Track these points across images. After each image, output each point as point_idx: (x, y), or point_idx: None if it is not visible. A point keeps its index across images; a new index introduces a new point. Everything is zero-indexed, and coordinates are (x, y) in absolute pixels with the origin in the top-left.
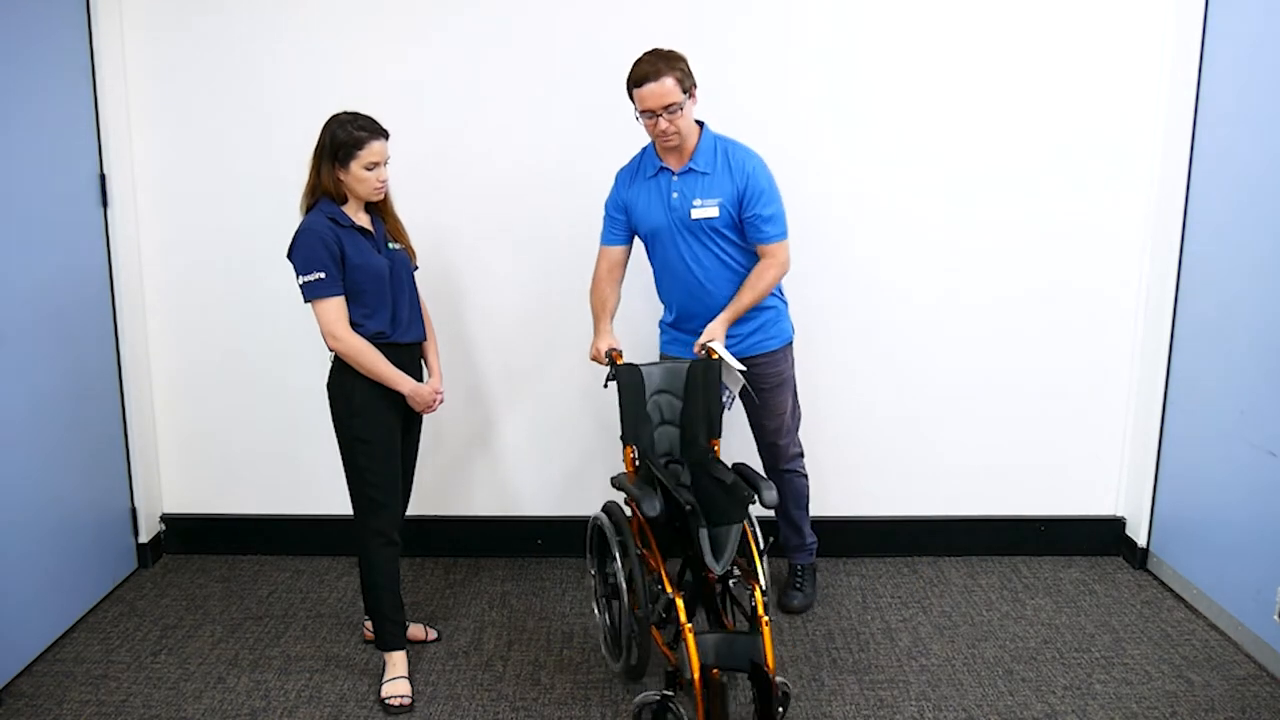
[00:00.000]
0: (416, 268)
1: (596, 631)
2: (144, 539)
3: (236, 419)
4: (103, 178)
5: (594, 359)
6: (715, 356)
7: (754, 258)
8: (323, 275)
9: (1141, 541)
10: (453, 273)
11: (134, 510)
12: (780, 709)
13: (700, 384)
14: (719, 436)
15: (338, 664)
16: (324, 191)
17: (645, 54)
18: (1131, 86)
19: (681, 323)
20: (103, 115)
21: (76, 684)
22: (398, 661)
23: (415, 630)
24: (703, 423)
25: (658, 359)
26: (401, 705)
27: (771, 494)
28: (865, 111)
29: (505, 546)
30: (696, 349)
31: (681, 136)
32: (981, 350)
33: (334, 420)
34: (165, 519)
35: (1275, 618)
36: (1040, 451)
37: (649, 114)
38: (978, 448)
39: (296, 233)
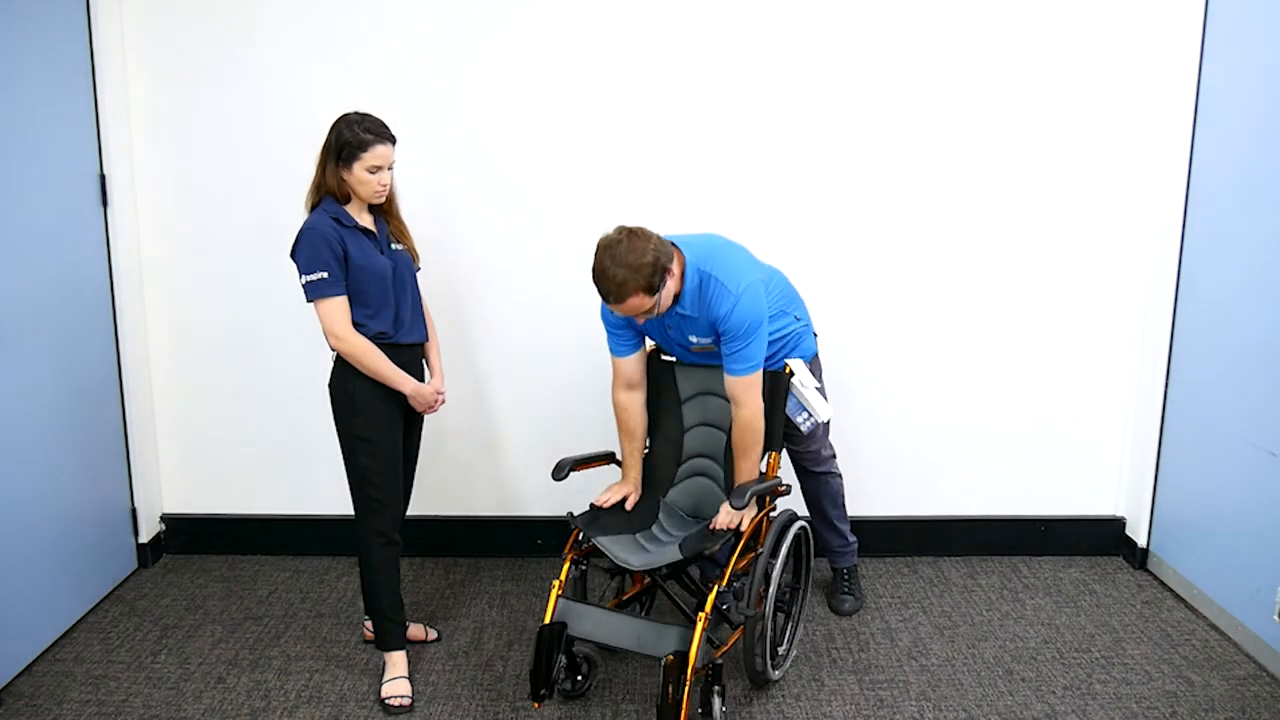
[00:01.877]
0: (419, 269)
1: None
2: (144, 539)
3: (237, 419)
4: (103, 178)
5: (601, 505)
6: (789, 371)
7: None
8: (325, 275)
9: (1141, 541)
10: (455, 274)
11: (134, 510)
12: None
13: (765, 394)
14: (778, 450)
15: (338, 664)
16: (328, 190)
17: (604, 259)
18: (1131, 87)
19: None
20: (103, 115)
21: (76, 684)
22: (398, 661)
23: (415, 630)
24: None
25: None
26: (401, 705)
27: (739, 502)
28: (864, 113)
29: (505, 546)
30: (719, 526)
31: (661, 307)
32: (981, 351)
33: (336, 420)
34: (165, 519)
35: (1275, 618)
36: (1040, 451)
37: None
38: (978, 448)
39: (299, 232)
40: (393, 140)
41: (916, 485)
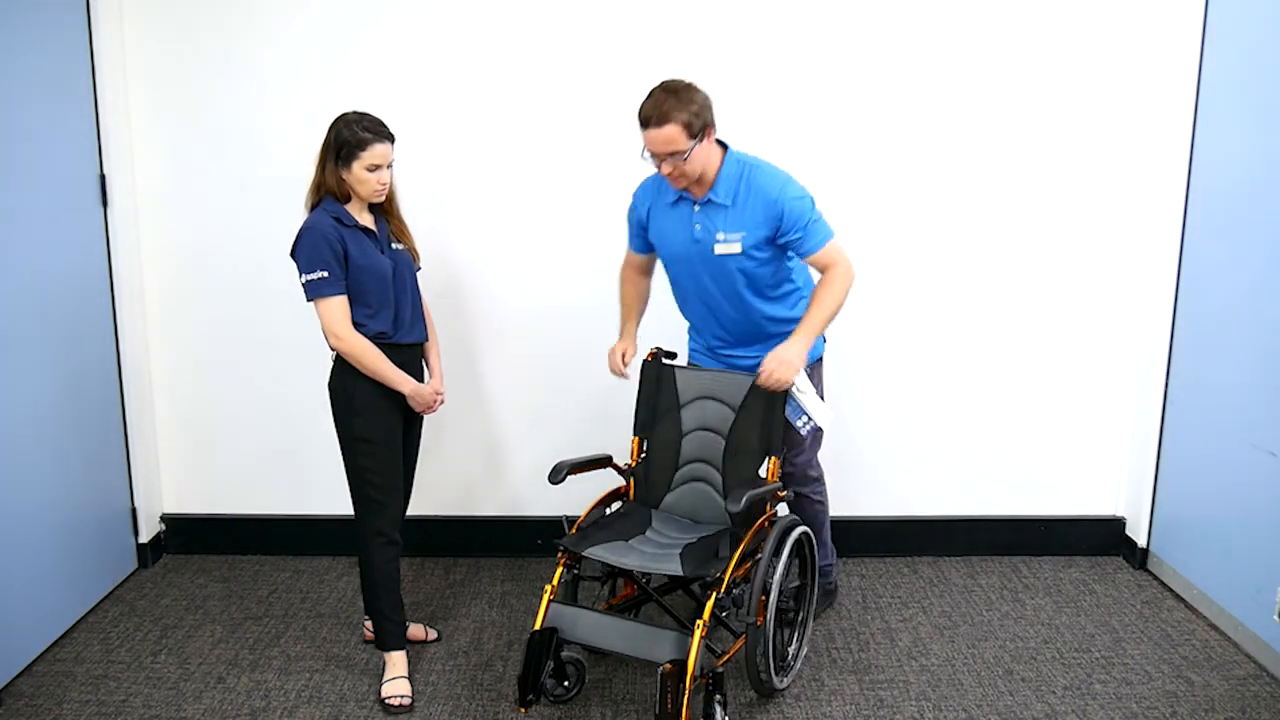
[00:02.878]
0: (419, 268)
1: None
2: (144, 539)
3: (237, 419)
4: (103, 178)
5: (613, 369)
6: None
7: (779, 281)
8: (325, 274)
9: (1141, 541)
10: (455, 274)
11: (134, 510)
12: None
13: (763, 399)
14: (778, 455)
15: (338, 664)
16: (328, 190)
17: (656, 89)
18: (1131, 87)
19: (699, 333)
20: (103, 115)
21: (76, 684)
22: (398, 661)
23: (415, 630)
24: (759, 440)
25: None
26: (401, 705)
27: (735, 506)
28: (863, 111)
29: (505, 546)
30: (764, 382)
31: (690, 177)
32: (981, 350)
33: (335, 420)
34: (165, 519)
35: (1275, 618)
36: (1040, 451)
37: (654, 155)
38: (978, 448)
39: (300, 231)
40: (391, 139)
41: (916, 485)
